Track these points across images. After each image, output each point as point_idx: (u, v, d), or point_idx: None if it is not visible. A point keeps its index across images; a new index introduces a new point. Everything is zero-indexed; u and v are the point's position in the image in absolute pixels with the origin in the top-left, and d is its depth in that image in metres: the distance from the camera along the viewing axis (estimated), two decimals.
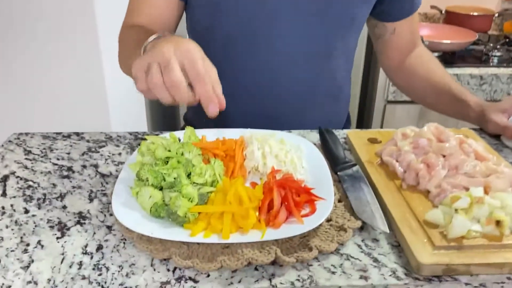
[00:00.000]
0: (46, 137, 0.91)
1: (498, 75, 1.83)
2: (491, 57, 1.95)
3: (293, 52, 0.94)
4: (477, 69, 1.85)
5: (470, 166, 0.72)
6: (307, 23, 0.92)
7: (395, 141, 0.80)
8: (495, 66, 1.89)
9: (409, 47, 1.13)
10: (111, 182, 0.77)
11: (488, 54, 1.96)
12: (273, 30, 0.91)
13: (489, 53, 1.96)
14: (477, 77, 1.83)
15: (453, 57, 1.92)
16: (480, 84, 1.84)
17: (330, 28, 0.94)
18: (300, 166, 0.75)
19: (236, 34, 0.93)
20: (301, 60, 0.96)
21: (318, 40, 0.94)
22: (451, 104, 1.03)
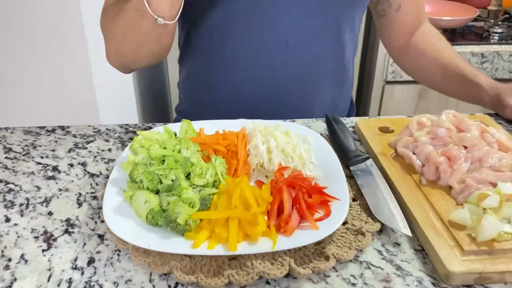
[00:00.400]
0: (28, 132, 0.84)
1: (500, 53, 1.77)
2: (491, 34, 1.88)
3: (299, 30, 0.87)
4: (478, 46, 1.79)
5: (495, 158, 0.66)
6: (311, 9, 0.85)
7: (410, 130, 0.74)
8: (496, 43, 1.82)
9: (414, 25, 1.06)
10: (101, 183, 0.70)
11: (489, 30, 1.89)
12: (278, 4, 0.84)
13: (490, 29, 1.89)
14: (479, 55, 1.77)
15: (453, 35, 1.86)
16: (481, 62, 1.78)
17: (338, 2, 0.86)
18: (309, 162, 0.69)
19: (237, 10, 0.85)
20: (307, 39, 0.88)
21: (325, 17, 0.87)
22: (463, 87, 0.96)
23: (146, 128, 0.85)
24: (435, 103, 1.87)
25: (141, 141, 0.68)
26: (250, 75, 0.91)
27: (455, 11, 1.91)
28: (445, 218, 0.59)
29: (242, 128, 0.76)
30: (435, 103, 1.87)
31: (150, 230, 0.57)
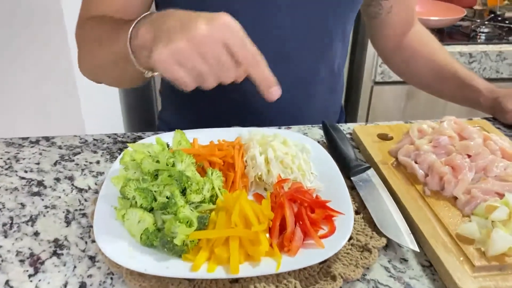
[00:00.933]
0: (10, 143, 0.79)
1: (487, 52, 1.77)
2: (478, 33, 1.88)
3: (291, 39, 0.84)
4: (466, 46, 1.79)
5: (500, 167, 0.64)
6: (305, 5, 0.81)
7: (411, 138, 0.72)
8: (483, 43, 1.83)
9: (406, 27, 1.04)
10: (90, 199, 0.66)
11: (476, 30, 1.89)
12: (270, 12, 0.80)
13: (476, 29, 1.90)
14: (467, 55, 1.77)
15: (441, 35, 1.86)
16: (469, 62, 1.78)
17: (330, 9, 0.84)
18: (309, 173, 0.66)
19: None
20: (299, 48, 0.85)
21: (318, 25, 0.84)
22: (459, 90, 0.95)
23: (135, 138, 0.81)
24: (423, 104, 1.87)
25: (132, 154, 0.65)
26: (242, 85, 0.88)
27: (442, 11, 1.91)
28: (452, 231, 0.57)
29: (237, 137, 0.73)
30: (423, 103, 1.87)
31: (145, 251, 0.53)
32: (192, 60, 0.50)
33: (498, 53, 1.77)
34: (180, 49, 0.50)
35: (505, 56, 1.78)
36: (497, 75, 1.82)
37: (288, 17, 0.81)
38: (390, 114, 1.91)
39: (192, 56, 0.50)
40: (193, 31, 0.50)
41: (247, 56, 0.52)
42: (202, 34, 0.50)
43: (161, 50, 0.51)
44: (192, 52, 0.50)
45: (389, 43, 1.06)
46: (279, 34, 0.83)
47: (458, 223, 0.58)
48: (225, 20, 0.51)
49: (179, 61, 0.51)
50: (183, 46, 0.50)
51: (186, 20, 0.52)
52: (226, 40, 0.51)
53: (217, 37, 0.50)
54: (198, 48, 0.50)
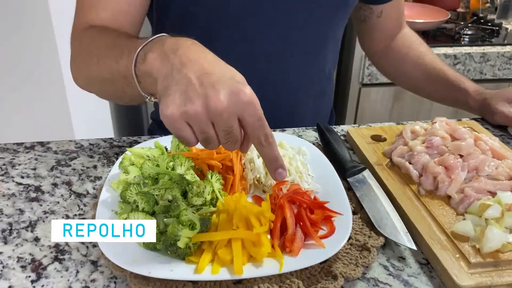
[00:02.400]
0: (4, 149, 0.79)
1: (472, 54, 1.80)
2: (462, 36, 1.92)
3: (283, 43, 0.85)
4: (450, 48, 1.82)
5: (491, 166, 0.66)
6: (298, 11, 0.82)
7: (404, 139, 0.74)
8: (467, 45, 1.86)
9: (395, 30, 1.06)
10: (89, 204, 0.66)
11: (460, 32, 1.93)
12: (263, 17, 0.81)
13: (460, 31, 1.93)
14: (451, 57, 1.80)
15: (426, 37, 1.88)
16: (454, 63, 1.81)
17: (323, 14, 0.85)
18: (307, 174, 0.67)
19: (216, 23, 0.82)
20: (291, 52, 0.86)
21: (309, 30, 0.85)
22: (448, 92, 0.97)
23: (132, 142, 0.81)
24: (410, 105, 1.90)
25: (130, 158, 0.65)
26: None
27: (427, 14, 1.94)
28: (447, 229, 0.59)
29: None
30: (410, 105, 1.90)
31: (148, 255, 0.54)
32: (203, 126, 0.48)
33: (481, 55, 1.81)
34: (194, 114, 0.47)
35: (489, 58, 1.82)
36: (481, 76, 1.85)
37: (283, 22, 0.83)
38: (377, 116, 1.93)
39: (205, 123, 0.47)
40: (213, 101, 0.46)
41: (260, 136, 0.49)
42: (222, 107, 0.46)
43: (173, 109, 0.47)
44: (205, 120, 0.47)
45: (378, 46, 1.08)
46: (274, 38, 0.84)
47: (453, 221, 0.60)
48: (249, 96, 0.48)
49: (189, 122, 0.48)
50: (199, 112, 0.47)
51: (207, 80, 0.48)
52: (244, 117, 0.48)
53: (236, 112, 0.47)
54: (213, 118, 0.47)
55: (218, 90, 0.47)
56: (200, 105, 0.46)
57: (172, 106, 0.47)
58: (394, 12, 1.04)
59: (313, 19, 0.85)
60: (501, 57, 1.82)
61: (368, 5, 1.01)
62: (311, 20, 0.85)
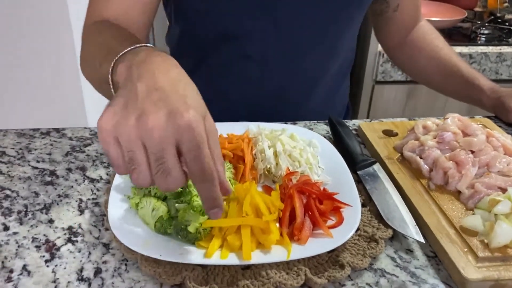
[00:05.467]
0: (21, 134, 0.80)
1: (488, 54, 1.79)
2: (478, 35, 1.90)
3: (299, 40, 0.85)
4: (466, 47, 1.81)
5: (503, 163, 0.66)
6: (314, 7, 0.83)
7: (416, 134, 0.74)
8: (483, 44, 1.84)
9: (411, 23, 1.06)
10: (102, 189, 0.67)
11: (476, 32, 1.91)
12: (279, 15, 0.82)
13: (477, 31, 1.92)
14: (467, 56, 1.78)
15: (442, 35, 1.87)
16: (470, 63, 1.80)
17: (340, 10, 0.85)
18: (317, 166, 0.68)
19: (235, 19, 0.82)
20: (306, 49, 0.87)
21: (328, 23, 0.86)
22: (462, 88, 0.96)
23: None
24: (423, 103, 1.89)
25: None
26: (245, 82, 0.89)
27: (443, 12, 1.93)
28: (456, 224, 0.59)
29: (246, 131, 0.74)
30: (423, 103, 1.89)
31: (159, 239, 0.55)
32: (131, 144, 0.41)
33: (498, 55, 1.79)
34: (124, 127, 0.41)
35: (505, 58, 1.80)
36: (496, 76, 1.84)
37: (300, 17, 0.83)
38: (390, 113, 1.92)
39: (134, 140, 0.41)
40: (148, 117, 0.41)
41: (194, 170, 0.42)
42: (156, 125, 0.40)
43: (107, 119, 0.42)
44: (135, 137, 0.41)
45: (394, 39, 1.08)
46: (291, 33, 0.84)
47: (462, 216, 0.60)
48: (186, 120, 0.41)
49: (118, 138, 0.42)
50: (130, 126, 0.41)
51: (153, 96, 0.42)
52: (181, 143, 0.41)
53: (171, 136, 0.41)
54: (143, 137, 0.41)
55: (159, 108, 0.41)
56: (133, 119, 0.41)
57: (107, 116, 0.42)
58: (411, 5, 1.03)
59: (328, 17, 0.85)
60: None
61: None
62: (326, 18, 0.85)
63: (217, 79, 0.92)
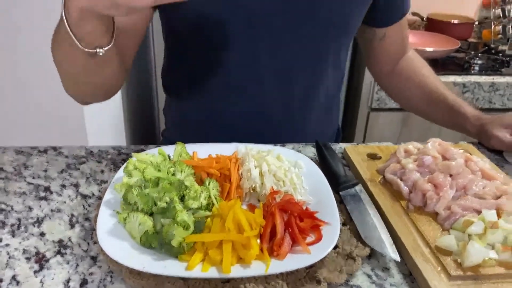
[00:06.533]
0: (19, 152, 0.84)
1: (480, 83, 1.83)
2: (472, 65, 1.95)
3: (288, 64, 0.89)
4: (459, 76, 1.85)
5: (479, 186, 0.68)
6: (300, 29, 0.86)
7: (397, 158, 0.76)
8: (476, 74, 1.88)
9: (399, 53, 1.09)
10: (93, 204, 0.70)
11: (470, 62, 1.96)
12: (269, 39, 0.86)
13: (470, 61, 1.96)
14: (460, 85, 1.82)
15: (435, 65, 1.90)
16: (463, 92, 1.83)
17: (326, 37, 0.89)
18: (301, 186, 0.70)
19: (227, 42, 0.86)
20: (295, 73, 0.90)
21: (313, 51, 0.89)
22: (447, 115, 1.00)
23: (139, 150, 0.85)
24: (418, 130, 1.92)
25: (135, 163, 0.69)
26: (238, 105, 0.92)
27: (438, 42, 1.98)
28: (432, 244, 0.61)
29: (235, 152, 0.77)
30: (418, 130, 1.92)
31: (144, 252, 0.57)
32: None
33: (490, 84, 1.83)
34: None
35: (498, 87, 1.83)
36: (490, 105, 1.87)
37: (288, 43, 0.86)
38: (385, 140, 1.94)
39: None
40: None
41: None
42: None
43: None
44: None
45: (383, 68, 1.11)
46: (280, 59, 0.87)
47: (438, 236, 0.62)
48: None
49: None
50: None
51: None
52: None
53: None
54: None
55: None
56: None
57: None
58: (397, 36, 1.07)
59: (317, 44, 0.88)
60: (510, 87, 1.84)
61: (371, 28, 1.04)
62: (315, 45, 0.88)
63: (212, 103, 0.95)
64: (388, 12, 1.00)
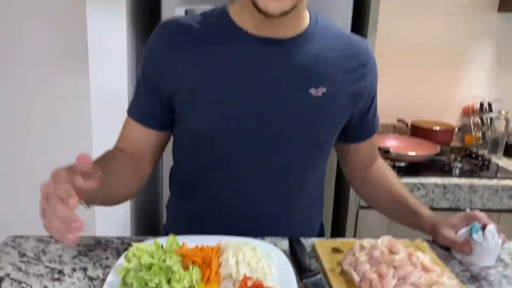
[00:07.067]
0: (40, 240, 1.00)
1: (460, 185, 1.97)
2: (453, 168, 2.12)
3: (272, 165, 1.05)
4: (440, 178, 2.00)
5: (416, 276, 0.82)
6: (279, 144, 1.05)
7: (353, 251, 0.91)
8: (457, 176, 2.04)
9: (369, 162, 1.26)
10: (98, 286, 0.85)
11: (450, 165, 2.13)
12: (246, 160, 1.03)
13: (451, 164, 2.14)
14: (441, 186, 1.97)
15: (418, 167, 2.09)
16: (444, 193, 1.98)
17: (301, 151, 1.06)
18: (270, 274, 0.85)
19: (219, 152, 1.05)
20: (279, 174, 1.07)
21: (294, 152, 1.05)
22: (408, 216, 1.15)
23: (139, 240, 1.01)
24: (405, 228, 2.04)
25: (134, 251, 0.85)
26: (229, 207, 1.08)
27: (420, 147, 2.17)
28: None
29: (218, 244, 0.93)
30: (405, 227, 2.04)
31: None
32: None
33: (469, 186, 1.98)
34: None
35: (476, 189, 1.98)
36: (471, 205, 2.00)
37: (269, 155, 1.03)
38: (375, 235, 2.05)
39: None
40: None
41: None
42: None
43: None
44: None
45: (355, 175, 1.29)
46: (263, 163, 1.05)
47: None
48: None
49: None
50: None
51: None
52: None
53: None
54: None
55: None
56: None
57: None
58: (367, 149, 1.24)
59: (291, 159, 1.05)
60: (488, 189, 1.98)
61: (345, 142, 1.23)
62: (291, 158, 1.05)
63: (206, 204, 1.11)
64: (360, 132, 1.20)
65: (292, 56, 1.00)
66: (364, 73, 1.07)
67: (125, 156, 1.05)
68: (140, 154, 1.08)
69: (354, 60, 1.05)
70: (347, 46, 1.06)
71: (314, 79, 1.00)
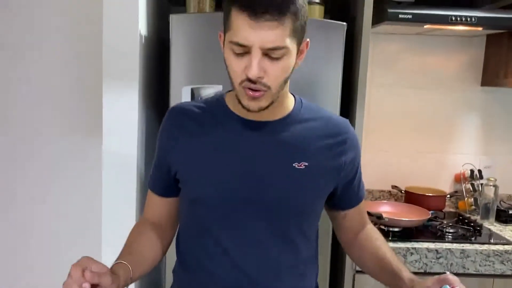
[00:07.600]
0: None
1: (452, 250, 2.04)
2: (445, 233, 2.19)
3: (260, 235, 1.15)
4: (433, 244, 2.07)
5: None
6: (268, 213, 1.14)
7: None
8: (449, 241, 2.11)
9: (358, 227, 1.35)
10: None
11: (443, 230, 2.21)
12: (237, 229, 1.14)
13: (443, 229, 2.21)
14: (433, 251, 2.03)
15: (411, 232, 2.17)
16: (437, 257, 2.03)
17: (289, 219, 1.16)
18: None
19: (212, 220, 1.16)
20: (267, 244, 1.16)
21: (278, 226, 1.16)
22: (390, 278, 1.23)
23: None
24: None
25: None
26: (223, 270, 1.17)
27: (413, 213, 2.26)
28: None
29: None
30: None
31: None
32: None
33: (461, 251, 2.04)
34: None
35: (468, 254, 2.04)
36: (464, 270, 2.04)
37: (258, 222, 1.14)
38: None
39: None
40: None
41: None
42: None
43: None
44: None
45: (346, 238, 1.37)
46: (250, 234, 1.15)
47: None
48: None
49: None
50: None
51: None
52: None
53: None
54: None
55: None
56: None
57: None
58: (356, 215, 1.34)
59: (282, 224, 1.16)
60: (479, 254, 2.04)
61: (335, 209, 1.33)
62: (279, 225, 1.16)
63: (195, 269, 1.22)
64: (346, 200, 1.30)
65: (277, 135, 1.16)
66: (344, 149, 1.20)
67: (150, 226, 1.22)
68: (163, 220, 1.25)
69: (334, 138, 1.20)
70: (328, 126, 1.21)
71: (296, 155, 1.15)
